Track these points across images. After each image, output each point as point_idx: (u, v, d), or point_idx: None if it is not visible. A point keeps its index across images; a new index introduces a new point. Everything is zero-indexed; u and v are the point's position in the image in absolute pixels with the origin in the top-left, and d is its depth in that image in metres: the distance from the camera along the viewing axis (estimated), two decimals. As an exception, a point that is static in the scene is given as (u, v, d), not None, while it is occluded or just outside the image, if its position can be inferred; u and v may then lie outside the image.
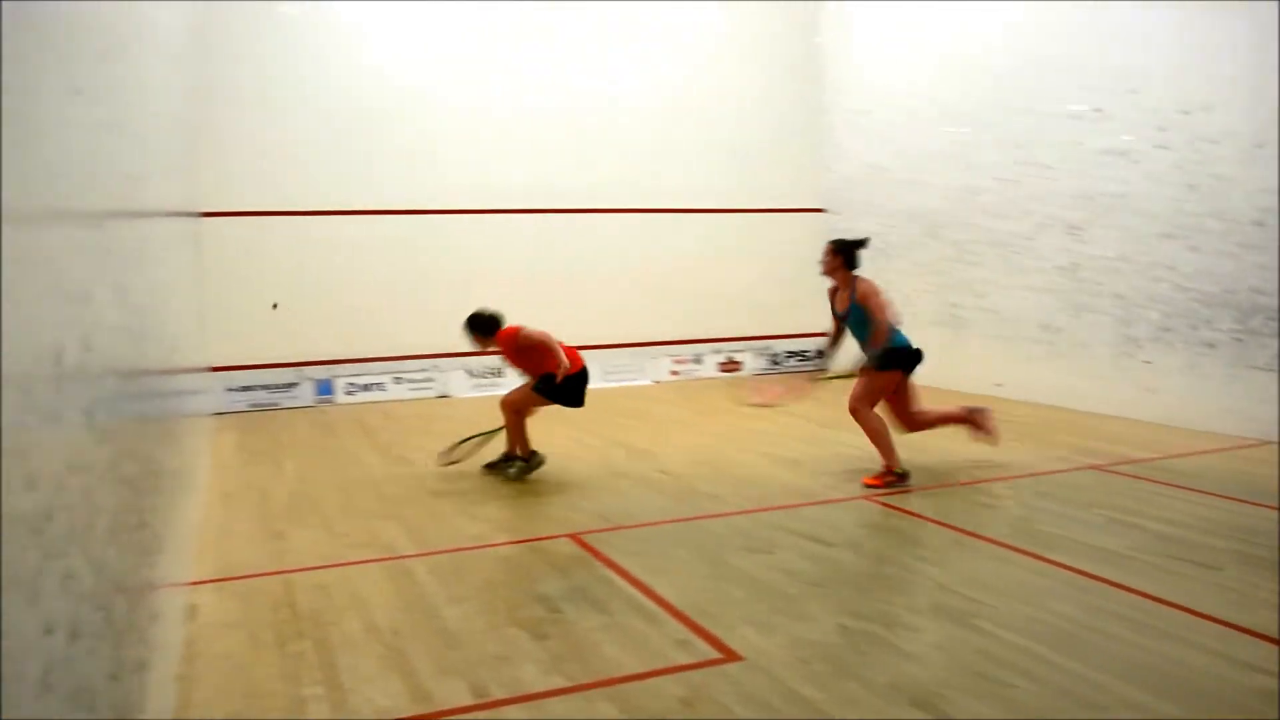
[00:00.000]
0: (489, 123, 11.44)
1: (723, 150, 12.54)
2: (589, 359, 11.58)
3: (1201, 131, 8.41)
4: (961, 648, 3.89)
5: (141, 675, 2.71)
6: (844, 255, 6.89)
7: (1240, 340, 8.17)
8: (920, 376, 6.77)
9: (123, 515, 2.62)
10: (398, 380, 11.07)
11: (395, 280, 11.08)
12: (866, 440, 6.79)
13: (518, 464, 7.03)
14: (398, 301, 11.07)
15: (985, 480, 6.78)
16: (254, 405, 10.57)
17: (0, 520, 1.28)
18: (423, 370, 11.19)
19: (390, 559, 5.20)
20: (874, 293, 6.75)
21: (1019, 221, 10.29)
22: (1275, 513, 5.79)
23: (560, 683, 3.62)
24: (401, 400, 11.02)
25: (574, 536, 5.52)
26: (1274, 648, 3.84)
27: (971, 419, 7.15)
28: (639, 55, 12.19)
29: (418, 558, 5.21)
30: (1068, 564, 4.90)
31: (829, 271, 6.94)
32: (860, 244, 7.00)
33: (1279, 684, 3.51)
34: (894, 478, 6.55)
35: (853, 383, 6.76)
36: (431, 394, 11.20)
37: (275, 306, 10.55)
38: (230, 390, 10.46)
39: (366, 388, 10.93)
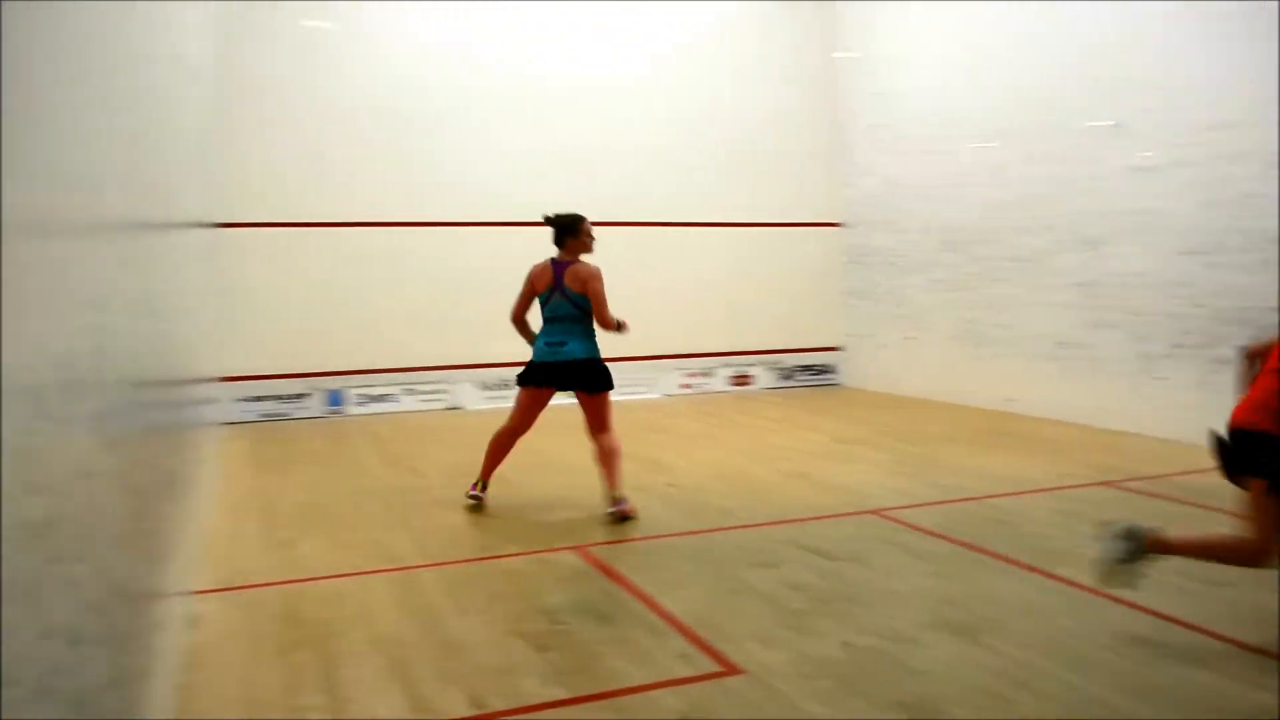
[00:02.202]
0: (502, 135, 11.48)
1: (740, 164, 12.54)
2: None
3: (1222, 149, 8.37)
4: (967, 664, 3.87)
5: (142, 683, 2.73)
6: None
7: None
8: (937, 392, 6.61)
9: (130, 523, 2.64)
10: (408, 392, 11.10)
11: (407, 292, 11.12)
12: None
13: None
14: (409, 313, 11.10)
15: (996, 495, 6.74)
16: (265, 415, 10.62)
17: (0, 525, 1.29)
18: (434, 382, 11.22)
19: (397, 569, 5.21)
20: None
21: (1037, 237, 10.25)
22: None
23: (560, 694, 3.62)
24: (412, 412, 11.05)
25: (581, 549, 5.52)
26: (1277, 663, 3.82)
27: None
28: (657, 68, 12.22)
29: (424, 568, 5.22)
30: (1077, 581, 4.87)
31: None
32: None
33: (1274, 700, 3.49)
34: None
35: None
36: (441, 406, 11.22)
37: None
38: (241, 400, 10.51)
39: (377, 399, 10.97)
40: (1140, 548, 4.16)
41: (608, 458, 6.33)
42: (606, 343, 6.62)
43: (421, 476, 7.67)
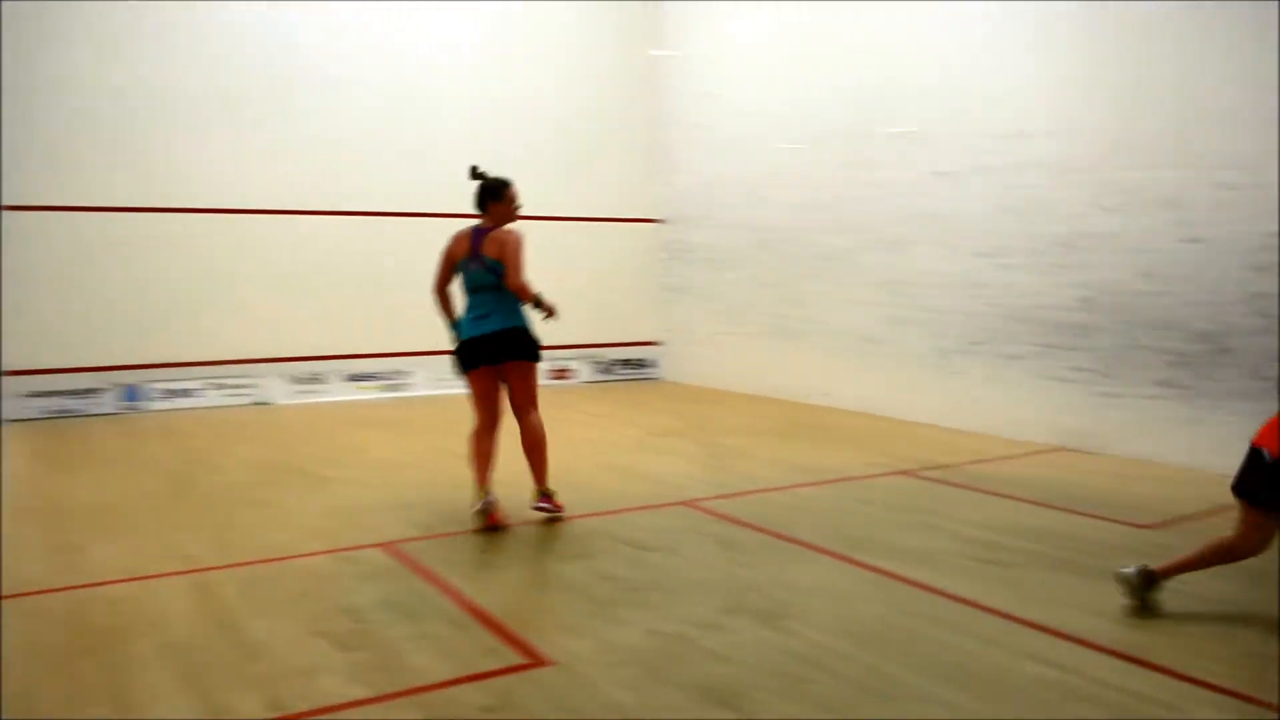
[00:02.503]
0: (313, 123, 11.10)
1: (561, 159, 12.50)
2: (418, 366, 11.55)
3: (1016, 157, 8.86)
4: (769, 648, 3.97)
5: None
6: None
7: (1042, 353, 8.65)
8: (750, 386, 6.69)
9: None
10: (213, 386, 10.59)
11: (209, 281, 10.61)
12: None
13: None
14: (212, 304, 10.60)
15: (803, 485, 6.96)
16: (52, 412, 9.94)
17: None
18: (240, 376, 10.77)
19: (193, 571, 4.97)
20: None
21: (846, 237, 10.63)
22: (1067, 515, 6.15)
23: (362, 693, 3.53)
24: (216, 407, 10.57)
25: (388, 546, 5.39)
26: (1056, 639, 4.06)
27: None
28: (471, 61, 12.07)
29: (222, 570, 5.00)
30: (875, 565, 5.07)
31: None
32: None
33: (1058, 674, 3.72)
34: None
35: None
36: (248, 401, 10.79)
37: None
38: (26, 396, 9.82)
39: (178, 394, 10.43)
40: (1152, 581, 4.41)
41: (535, 447, 6.03)
42: (428, 335, 6.39)
43: (222, 474, 7.35)
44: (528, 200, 12.14)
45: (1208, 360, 7.50)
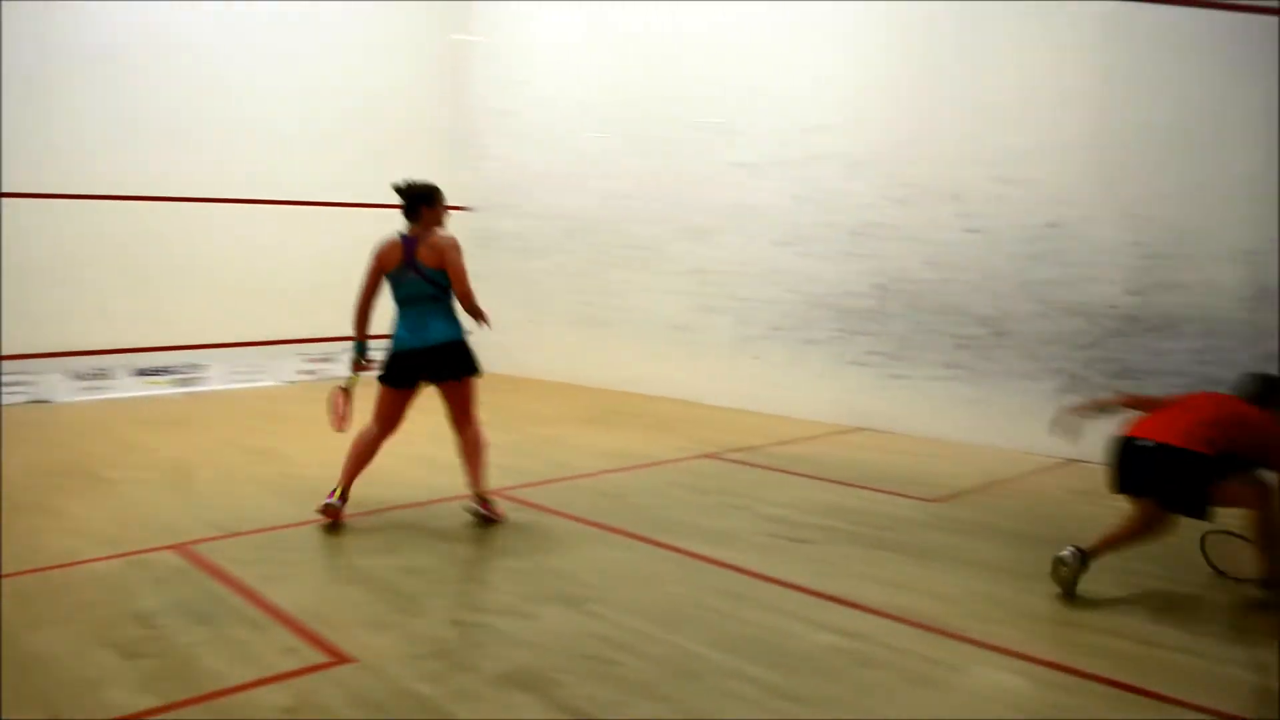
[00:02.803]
0: (80, 104, 10.39)
1: (364, 144, 12.12)
2: (211, 358, 11.04)
3: (813, 151, 9.18)
4: (574, 632, 4.00)
5: None
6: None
7: (838, 338, 9.01)
8: (559, 374, 6.64)
9: None
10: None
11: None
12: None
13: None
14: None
15: (611, 471, 7.03)
16: None
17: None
18: (17, 373, 10.02)
19: (-41, 583, 4.62)
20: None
21: (654, 226, 10.77)
22: (862, 492, 6.44)
23: (152, 702, 3.36)
24: (-9, 407, 9.82)
25: (181, 548, 5.14)
26: (850, 610, 4.25)
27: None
28: (269, 41, 11.58)
29: (-6, 580, 4.67)
30: (681, 547, 5.18)
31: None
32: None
33: (854, 643, 3.89)
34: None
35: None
36: (28, 399, 10.06)
37: None
38: None
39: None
40: (1085, 560, 4.45)
41: (474, 452, 5.76)
42: (221, 328, 6.14)
43: (-4, 478, 6.83)
44: (328, 186, 11.92)
45: (988, 343, 7.98)
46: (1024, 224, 7.76)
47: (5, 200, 9.92)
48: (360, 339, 5.85)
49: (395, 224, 5.95)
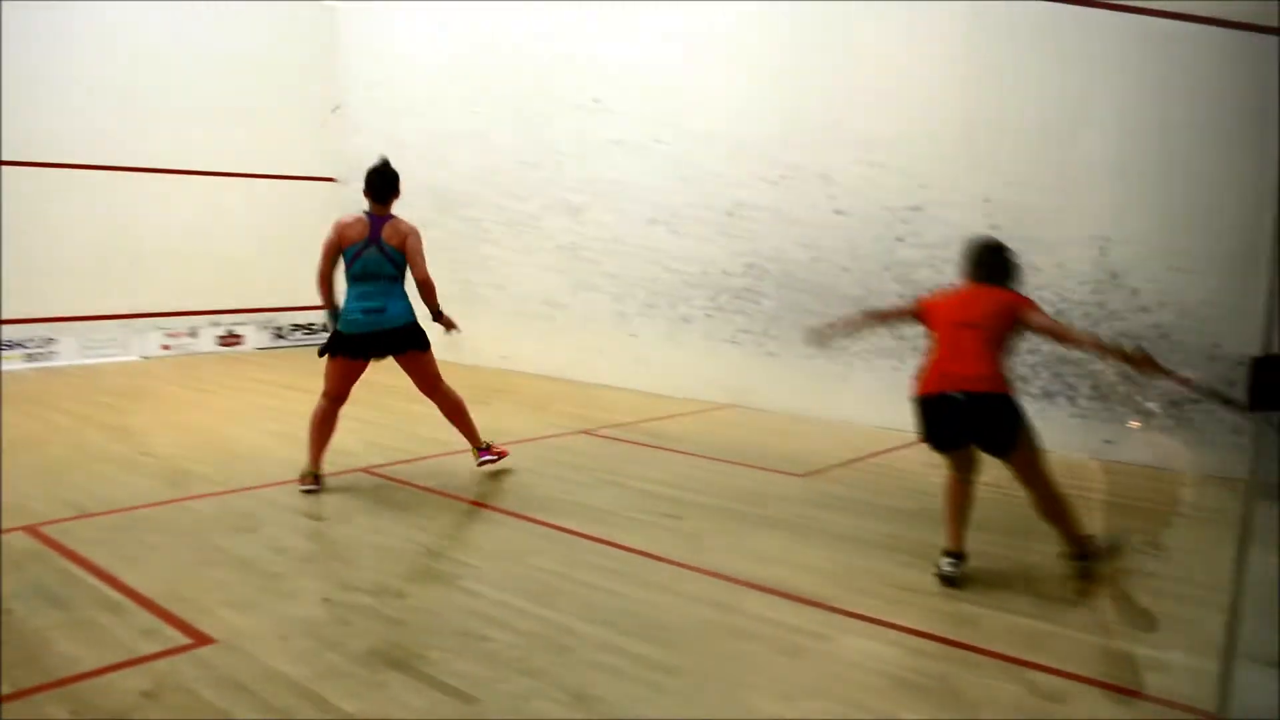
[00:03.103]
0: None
1: (224, 111, 11.71)
2: (65, 331, 10.55)
3: (689, 129, 9.25)
4: (446, 608, 3.98)
5: None
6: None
7: (711, 316, 9.12)
8: (436, 352, 6.53)
9: None
10: None
11: None
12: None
13: None
14: None
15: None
16: None
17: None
18: None
19: None
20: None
21: (528, 202, 10.70)
22: (733, 467, 6.55)
23: (2, 689, 3.22)
24: None
25: (31, 529, 4.91)
26: (721, 582, 4.34)
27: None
28: (143, 7, 11.05)
29: None
30: (553, 523, 5.19)
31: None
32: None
33: (724, 615, 3.97)
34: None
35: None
36: None
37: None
38: None
39: None
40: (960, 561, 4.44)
41: (455, 412, 6.12)
42: (76, 300, 5.88)
43: None
44: (191, 155, 11.48)
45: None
46: (889, 206, 7.98)
47: None
48: (332, 308, 5.95)
49: (259, 194, 5.78)
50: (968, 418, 4.37)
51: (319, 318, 12.68)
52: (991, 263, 4.61)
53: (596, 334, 10.10)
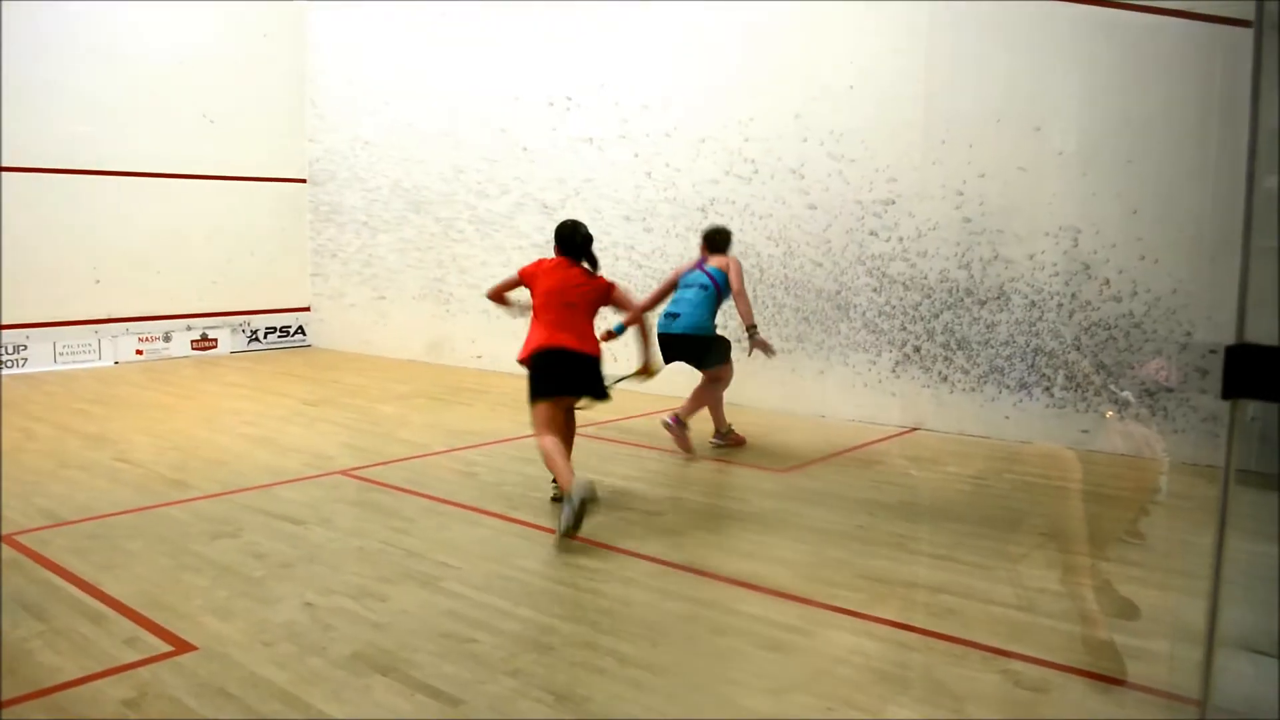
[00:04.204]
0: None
1: (195, 113, 11.64)
2: (37, 338, 10.44)
3: (657, 125, 9.26)
4: (429, 611, 3.97)
5: None
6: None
7: (686, 312, 9.12)
8: (407, 351, 6.56)
9: None
10: None
11: None
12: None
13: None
14: None
15: (461, 449, 6.98)
16: None
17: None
18: None
19: None
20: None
21: (499, 201, 10.68)
22: (713, 464, 6.56)
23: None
24: None
25: (7, 539, 4.87)
26: (700, 579, 4.35)
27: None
28: (107, 5, 10.93)
29: None
30: (532, 522, 5.20)
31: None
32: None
33: (706, 611, 3.98)
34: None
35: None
36: None
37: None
38: None
39: None
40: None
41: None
42: (47, 306, 5.81)
43: None
44: (163, 158, 11.37)
45: (830, 316, 8.22)
46: (857, 199, 8.01)
47: None
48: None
49: (230, 197, 5.73)
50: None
51: (294, 320, 12.63)
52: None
53: (571, 332, 10.07)
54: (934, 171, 7.67)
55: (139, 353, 11.27)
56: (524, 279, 5.69)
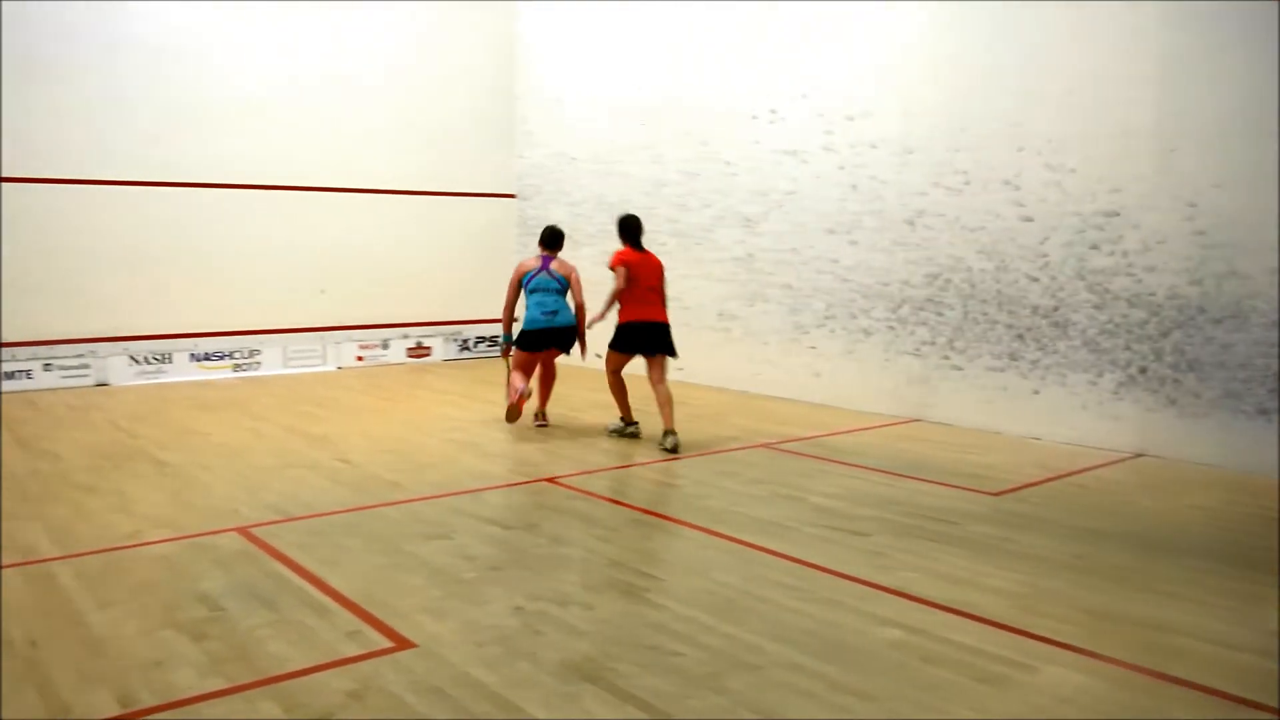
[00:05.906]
0: (137, 91, 10.51)
1: (414, 132, 12.26)
2: (269, 344, 11.17)
3: (862, 136, 9.10)
4: (632, 621, 4.00)
5: None
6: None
7: (892, 328, 8.92)
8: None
9: None
10: (46, 367, 10.03)
11: (44, 257, 10.01)
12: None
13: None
14: (47, 281, 10.01)
15: (663, 460, 7.02)
16: None
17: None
18: (78, 356, 10.22)
19: (30, 563, 4.70)
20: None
21: (699, 214, 10.74)
22: (917, 484, 6.37)
23: (219, 684, 3.40)
24: (51, 389, 10.01)
25: (242, 530, 5.21)
26: (909, 603, 4.21)
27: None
28: (334, 33, 11.66)
29: (61, 560, 4.75)
30: (734, 536, 5.16)
31: None
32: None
33: (912, 637, 3.86)
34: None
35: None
36: (89, 382, 10.26)
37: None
38: None
39: (9, 376, 9.83)
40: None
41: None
42: (280, 312, 6.21)
43: (58, 460, 6.96)
44: (379, 175, 11.99)
45: (1046, 333, 7.86)
46: (1077, 211, 7.63)
47: (67, 188, 10.11)
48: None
49: (453, 211, 5.94)
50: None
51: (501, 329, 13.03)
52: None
53: (771, 346, 10.03)
54: (1163, 181, 7.23)
55: (359, 358, 11.91)
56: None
